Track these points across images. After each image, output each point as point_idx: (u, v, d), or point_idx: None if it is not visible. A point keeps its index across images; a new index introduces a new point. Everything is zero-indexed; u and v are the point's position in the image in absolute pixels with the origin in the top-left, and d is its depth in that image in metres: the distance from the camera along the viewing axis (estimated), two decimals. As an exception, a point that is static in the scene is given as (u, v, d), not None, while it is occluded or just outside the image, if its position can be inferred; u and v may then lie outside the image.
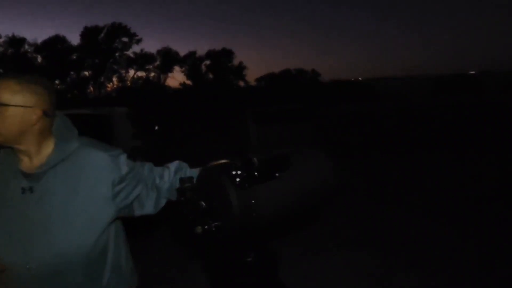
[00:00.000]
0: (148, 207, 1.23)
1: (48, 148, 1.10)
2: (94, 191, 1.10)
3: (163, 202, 1.29)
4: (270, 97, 26.65)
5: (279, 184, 0.87)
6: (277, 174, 0.84)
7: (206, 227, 0.85)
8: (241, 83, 53.55)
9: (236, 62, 54.28)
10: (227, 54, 54.60)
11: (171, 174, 1.27)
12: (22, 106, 1.00)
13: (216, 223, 0.85)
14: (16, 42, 43.63)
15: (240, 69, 54.18)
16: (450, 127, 13.69)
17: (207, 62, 53.56)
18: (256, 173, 0.80)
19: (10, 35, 43.24)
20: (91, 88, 49.69)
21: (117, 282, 1.23)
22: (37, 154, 1.09)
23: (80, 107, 6.96)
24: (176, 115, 19.41)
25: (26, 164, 1.09)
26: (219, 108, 23.11)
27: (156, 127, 5.80)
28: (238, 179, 0.80)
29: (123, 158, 1.17)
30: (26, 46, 44.08)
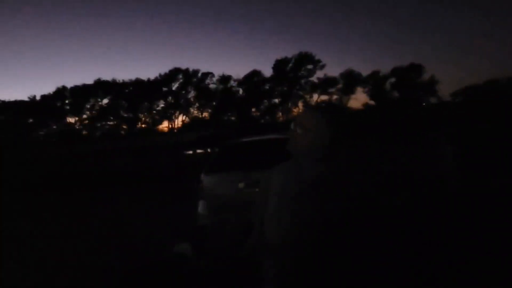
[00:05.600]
0: None
1: None
2: None
3: None
4: (470, 114, 22.83)
5: None
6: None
7: None
8: (433, 99, 48.44)
9: (426, 76, 49.68)
10: (415, 69, 50.36)
11: None
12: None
13: None
14: (224, 79, 53.41)
15: (431, 84, 49.02)
16: None
17: (392, 80, 51.00)
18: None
19: (221, 74, 53.84)
20: (280, 114, 55.46)
21: None
22: None
23: (270, 132, 7.77)
24: (358, 135, 18.91)
25: None
26: (406, 127, 21.31)
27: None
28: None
29: None
30: (232, 82, 53.34)
